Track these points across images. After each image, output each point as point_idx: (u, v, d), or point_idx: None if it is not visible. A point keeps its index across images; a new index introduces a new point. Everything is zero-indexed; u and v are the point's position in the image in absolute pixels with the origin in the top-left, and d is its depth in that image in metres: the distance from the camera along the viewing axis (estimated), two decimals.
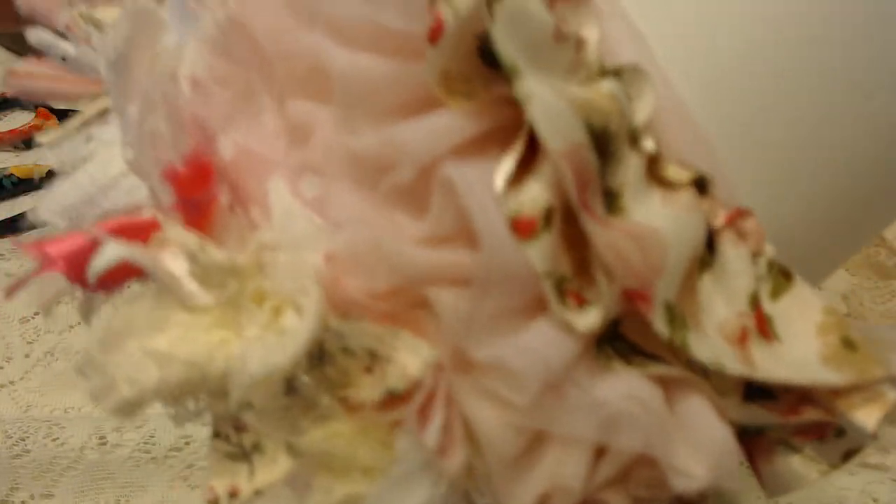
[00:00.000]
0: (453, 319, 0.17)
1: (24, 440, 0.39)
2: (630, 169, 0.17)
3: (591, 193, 0.16)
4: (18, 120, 0.53)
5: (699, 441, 0.18)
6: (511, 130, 0.17)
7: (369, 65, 0.17)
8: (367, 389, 0.18)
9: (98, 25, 0.26)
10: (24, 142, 0.52)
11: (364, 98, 0.17)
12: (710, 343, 0.17)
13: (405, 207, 0.18)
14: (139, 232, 0.19)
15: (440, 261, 0.17)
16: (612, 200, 0.17)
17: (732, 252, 0.18)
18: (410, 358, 0.18)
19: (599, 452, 0.18)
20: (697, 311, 0.18)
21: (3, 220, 0.48)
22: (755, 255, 0.18)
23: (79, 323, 0.45)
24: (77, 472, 0.38)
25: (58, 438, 0.40)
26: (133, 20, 0.20)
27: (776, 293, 0.19)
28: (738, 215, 0.18)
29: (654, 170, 0.17)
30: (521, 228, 0.16)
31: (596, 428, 0.18)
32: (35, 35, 0.29)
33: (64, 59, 0.29)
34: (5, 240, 0.48)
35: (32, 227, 0.49)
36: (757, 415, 0.19)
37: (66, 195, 0.24)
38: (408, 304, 0.18)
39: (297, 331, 0.17)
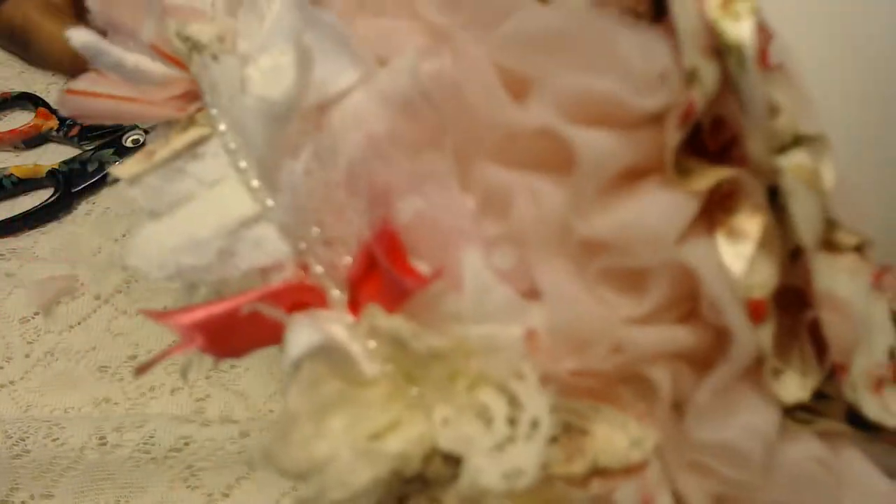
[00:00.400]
0: (682, 400, 0.17)
1: (24, 440, 0.38)
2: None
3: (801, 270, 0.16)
4: (18, 120, 0.51)
5: (865, 494, 0.18)
6: (715, 208, 0.17)
7: (605, 141, 0.16)
8: (562, 464, 0.16)
9: (198, 47, 0.22)
10: (25, 142, 0.50)
11: (596, 173, 0.17)
12: (864, 396, 0.18)
13: (613, 285, 0.17)
14: (298, 300, 0.17)
15: (659, 339, 0.17)
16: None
17: (876, 308, 0.18)
18: (615, 433, 0.17)
19: None
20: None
21: (2, 220, 0.46)
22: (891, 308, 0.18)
23: (79, 323, 0.44)
24: (77, 473, 0.37)
25: (58, 438, 0.38)
26: (300, 66, 0.18)
27: None
28: (883, 273, 0.18)
29: (828, 234, 0.17)
30: (755, 311, 0.16)
31: (788, 490, 0.18)
32: (79, 37, 0.23)
33: (116, 67, 0.24)
34: (5, 240, 0.46)
35: (32, 225, 0.48)
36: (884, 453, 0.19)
37: (172, 247, 0.20)
38: (609, 380, 0.17)
39: (531, 432, 0.15)
